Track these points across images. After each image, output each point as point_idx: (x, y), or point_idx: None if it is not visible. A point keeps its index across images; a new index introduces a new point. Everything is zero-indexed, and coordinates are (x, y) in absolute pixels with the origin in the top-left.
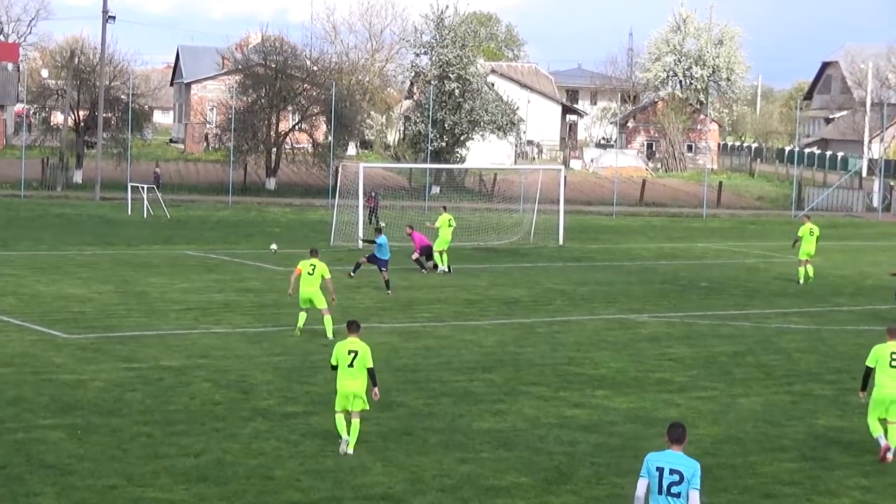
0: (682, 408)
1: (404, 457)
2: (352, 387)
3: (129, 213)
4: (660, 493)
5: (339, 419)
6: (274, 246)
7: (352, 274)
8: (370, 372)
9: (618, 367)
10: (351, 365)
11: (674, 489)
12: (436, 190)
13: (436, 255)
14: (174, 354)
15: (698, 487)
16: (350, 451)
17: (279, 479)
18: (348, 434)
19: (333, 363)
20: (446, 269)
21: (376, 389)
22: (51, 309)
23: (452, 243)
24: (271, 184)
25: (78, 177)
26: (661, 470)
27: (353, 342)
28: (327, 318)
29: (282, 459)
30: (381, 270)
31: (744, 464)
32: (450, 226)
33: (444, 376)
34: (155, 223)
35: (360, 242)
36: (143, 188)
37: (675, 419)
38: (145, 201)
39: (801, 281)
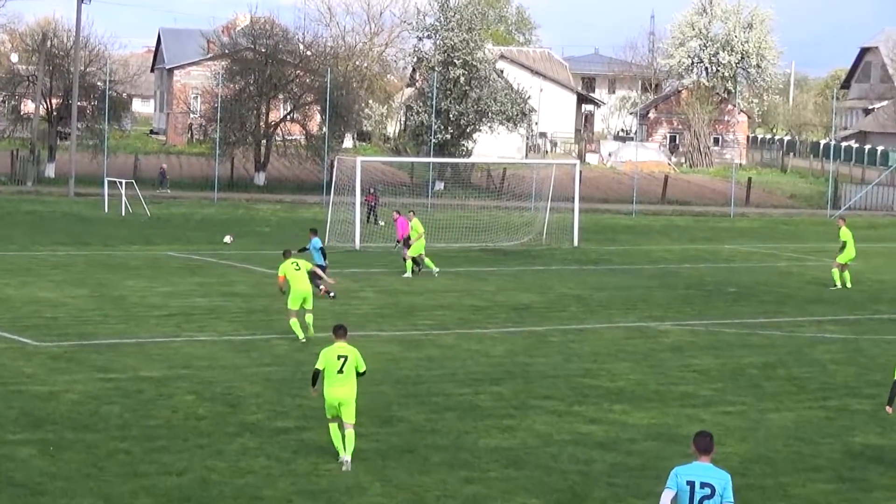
0: (708, 424)
1: (405, 476)
2: (340, 394)
3: (106, 210)
4: None
5: (334, 430)
6: (228, 238)
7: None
8: (361, 374)
9: (637, 379)
10: (341, 371)
11: (706, 503)
12: (440, 186)
13: (407, 262)
14: (155, 364)
15: (732, 500)
16: (348, 464)
17: (269, 499)
18: (344, 446)
19: (319, 367)
20: (410, 275)
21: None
22: (20, 314)
23: (458, 243)
24: (260, 179)
25: (50, 171)
26: (691, 484)
27: (342, 347)
28: (310, 317)
29: (272, 478)
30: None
31: (774, 485)
32: (417, 233)
33: (448, 389)
34: (134, 221)
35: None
36: (120, 183)
37: None
38: (123, 198)
39: (838, 284)
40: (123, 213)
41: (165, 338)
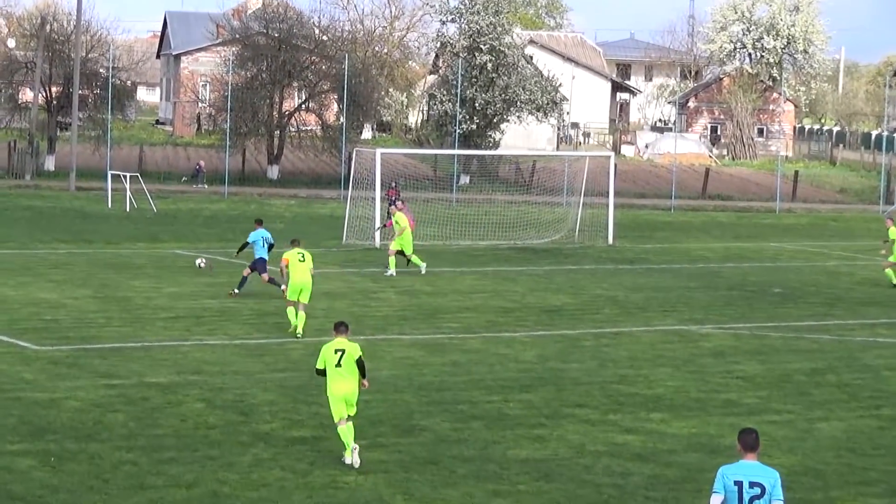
0: (760, 448)
1: (429, 489)
2: (343, 389)
3: (110, 205)
4: None
5: (342, 431)
6: (200, 261)
7: (236, 291)
8: (360, 364)
9: (677, 386)
10: (339, 365)
11: (756, 503)
12: (465, 180)
13: (391, 258)
14: (162, 370)
15: (782, 498)
16: (355, 456)
17: None
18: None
19: (320, 367)
20: (394, 272)
21: (365, 381)
22: (19, 317)
23: (484, 241)
24: (274, 172)
25: (50, 163)
26: (739, 484)
27: (341, 342)
28: (303, 315)
29: (287, 491)
30: (258, 272)
31: (824, 499)
32: (399, 227)
33: (475, 396)
34: (139, 218)
35: (377, 240)
36: (125, 177)
37: None
38: (128, 192)
39: None
40: (128, 209)
41: (173, 342)
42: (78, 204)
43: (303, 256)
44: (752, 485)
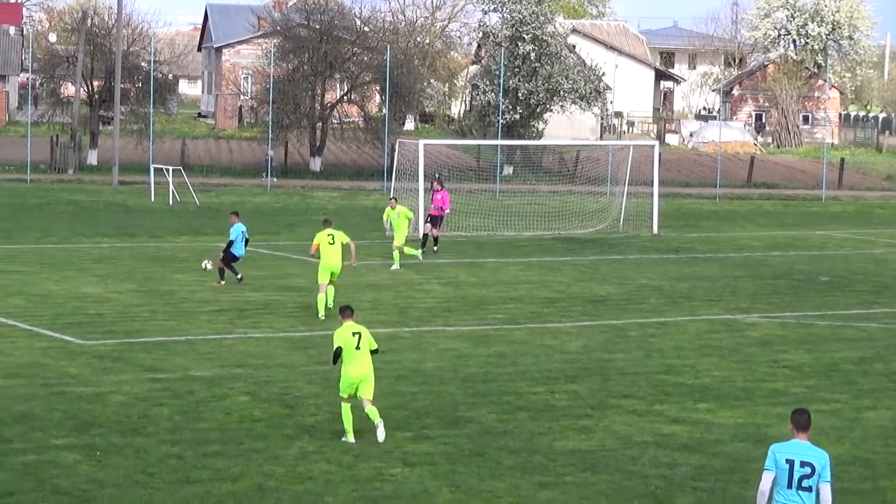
0: (811, 428)
1: (475, 481)
2: (359, 371)
3: (153, 199)
4: (789, 486)
5: (347, 410)
6: (206, 263)
7: (220, 282)
8: (373, 353)
9: (723, 376)
10: (358, 347)
11: (805, 482)
12: (508, 170)
13: (395, 252)
14: (206, 363)
15: (829, 480)
16: (381, 430)
17: None
18: (353, 430)
19: (339, 344)
20: (398, 266)
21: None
22: (63, 311)
23: (529, 232)
24: (316, 164)
25: (92, 157)
26: (790, 462)
27: (353, 325)
28: (332, 289)
29: (333, 485)
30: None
31: (873, 489)
32: (406, 218)
33: (521, 388)
34: (182, 211)
35: (422, 230)
36: (167, 171)
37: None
38: (171, 186)
39: None
40: (171, 203)
41: (217, 335)
42: (121, 198)
43: (332, 238)
44: (802, 464)
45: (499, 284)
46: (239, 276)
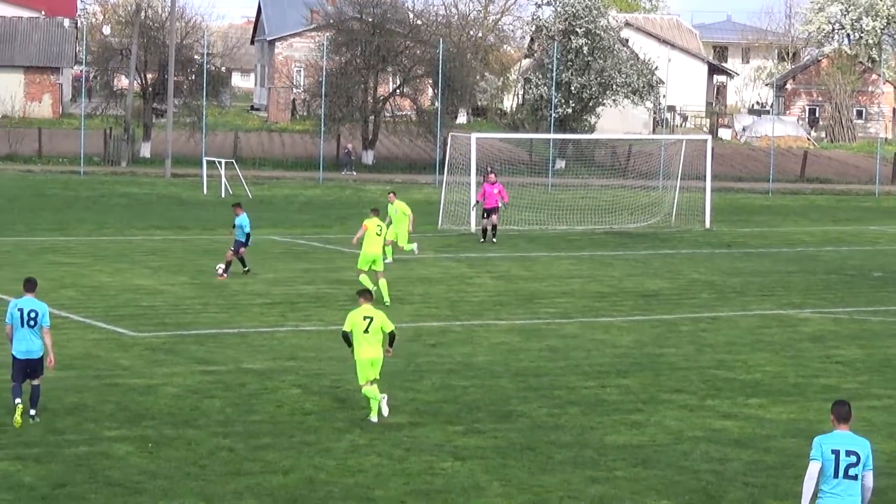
0: (852, 419)
1: (526, 475)
2: (369, 353)
3: (205, 191)
4: (836, 476)
5: (371, 391)
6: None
7: (224, 274)
8: (391, 336)
9: (775, 371)
10: (366, 331)
11: (851, 471)
12: (561, 164)
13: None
14: (258, 356)
15: (871, 468)
16: (384, 406)
17: (380, 500)
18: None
19: (347, 329)
20: (391, 260)
21: (390, 350)
22: (116, 303)
23: (581, 226)
24: (369, 157)
25: (146, 150)
26: (836, 452)
27: (367, 308)
28: (383, 282)
29: (383, 478)
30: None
31: None
32: (405, 214)
33: (572, 382)
34: None
35: (473, 222)
36: (220, 163)
37: None
38: (223, 178)
39: None
40: (223, 195)
41: (269, 328)
42: (173, 190)
43: (381, 229)
44: (848, 453)
45: (550, 278)
46: (246, 269)
